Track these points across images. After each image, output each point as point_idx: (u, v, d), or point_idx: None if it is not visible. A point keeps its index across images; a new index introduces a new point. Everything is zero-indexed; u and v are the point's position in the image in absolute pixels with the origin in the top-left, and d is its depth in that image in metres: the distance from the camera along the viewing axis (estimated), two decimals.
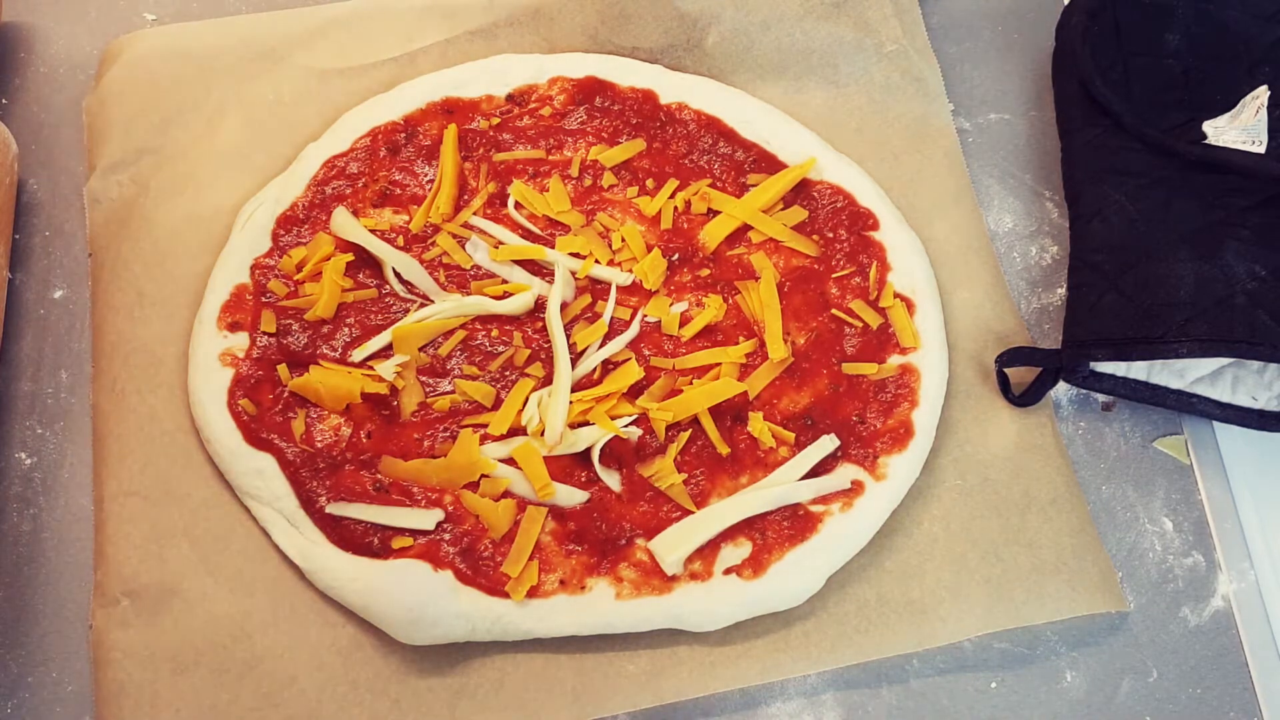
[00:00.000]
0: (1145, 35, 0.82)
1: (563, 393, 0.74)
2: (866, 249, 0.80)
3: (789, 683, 0.71)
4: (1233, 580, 0.76)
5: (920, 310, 0.78)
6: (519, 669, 0.70)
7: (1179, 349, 0.70)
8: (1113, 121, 0.81)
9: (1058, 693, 0.72)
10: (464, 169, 0.82)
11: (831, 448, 0.74)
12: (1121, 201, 0.78)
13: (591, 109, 0.84)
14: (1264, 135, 0.77)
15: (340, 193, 0.80)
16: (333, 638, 0.70)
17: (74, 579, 0.73)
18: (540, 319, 0.78)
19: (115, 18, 0.91)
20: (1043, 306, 0.83)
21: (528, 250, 0.79)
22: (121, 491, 0.73)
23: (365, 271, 0.79)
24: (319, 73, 0.85)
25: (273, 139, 0.83)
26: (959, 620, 0.71)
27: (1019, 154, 0.89)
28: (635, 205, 0.82)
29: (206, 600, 0.70)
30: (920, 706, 0.71)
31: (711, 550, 0.71)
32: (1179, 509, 0.77)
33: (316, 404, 0.74)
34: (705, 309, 0.78)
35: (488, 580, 0.70)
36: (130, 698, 0.68)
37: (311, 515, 0.71)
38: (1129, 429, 0.80)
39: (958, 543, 0.73)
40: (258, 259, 0.78)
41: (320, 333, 0.77)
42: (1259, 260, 0.72)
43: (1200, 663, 0.73)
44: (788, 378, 0.77)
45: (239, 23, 0.88)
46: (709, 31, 0.86)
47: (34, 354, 0.80)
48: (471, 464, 0.72)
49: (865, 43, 0.87)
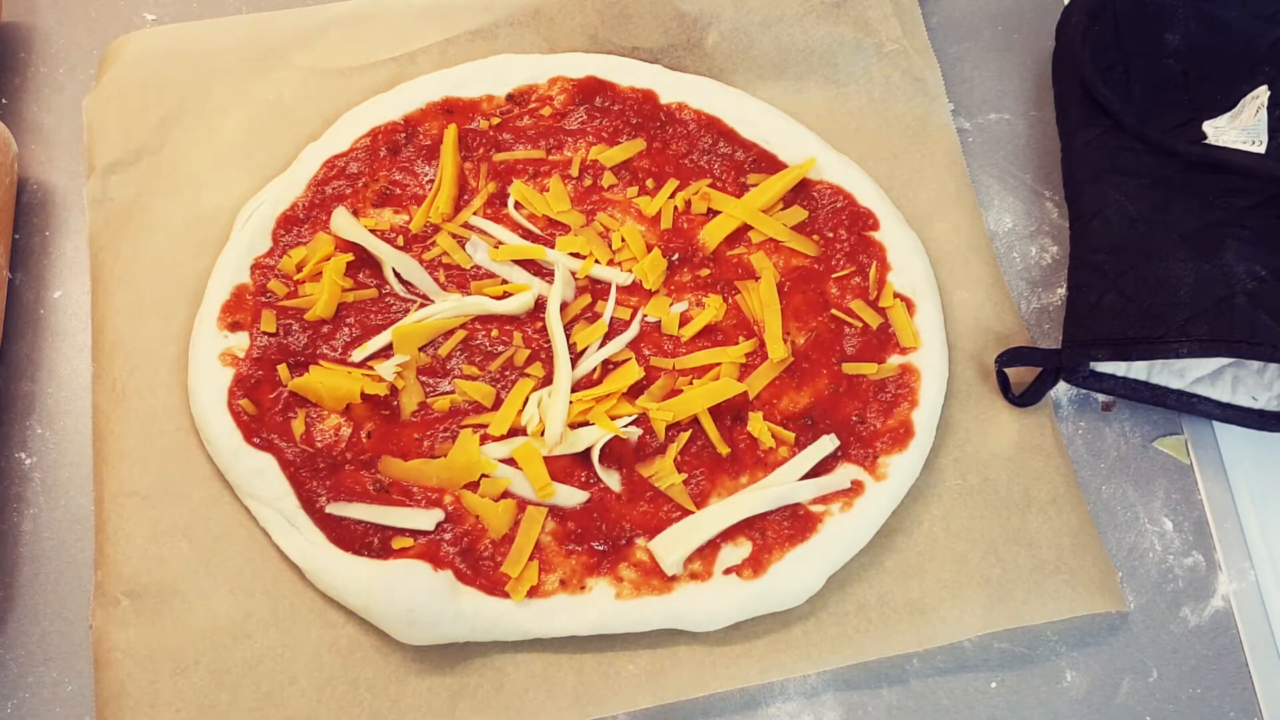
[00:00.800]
0: (1145, 35, 0.82)
1: (563, 393, 0.74)
2: (866, 249, 0.80)
3: (789, 683, 0.71)
4: (1233, 580, 0.76)
5: (920, 310, 0.78)
6: (519, 669, 0.70)
7: (1179, 349, 0.70)
8: (1113, 121, 0.81)
9: (1058, 693, 0.72)
10: (464, 169, 0.82)
11: (831, 448, 0.74)
12: (1121, 201, 0.78)
13: (591, 109, 0.84)
14: (1264, 135, 0.77)
15: (340, 193, 0.80)
16: (333, 638, 0.70)
17: (74, 579, 0.73)
18: (540, 319, 0.78)
19: (115, 18, 0.91)
20: (1043, 306, 0.83)
21: (528, 250, 0.79)
22: (121, 491, 0.73)
23: (365, 271, 0.79)
24: (319, 73, 0.85)
25: (273, 139, 0.83)
26: (959, 620, 0.71)
27: (1019, 154, 0.89)
28: (635, 205, 0.82)
29: (206, 600, 0.70)
30: (920, 706, 0.71)
31: (711, 550, 0.71)
32: (1179, 509, 0.77)
33: (316, 404, 0.74)
34: (705, 309, 0.78)
35: (488, 580, 0.70)
36: (130, 698, 0.68)
37: (311, 515, 0.71)
38: (1129, 429, 0.80)
39: (958, 542, 0.73)
40: (258, 259, 0.78)
41: (320, 333, 0.77)
42: (1259, 260, 0.72)
43: (1200, 663, 0.73)
44: (788, 378, 0.77)
45: (239, 23, 0.88)
46: (709, 31, 0.86)
47: (34, 354, 0.80)
48: (471, 464, 0.72)
49: (865, 42, 0.87)
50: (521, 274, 0.79)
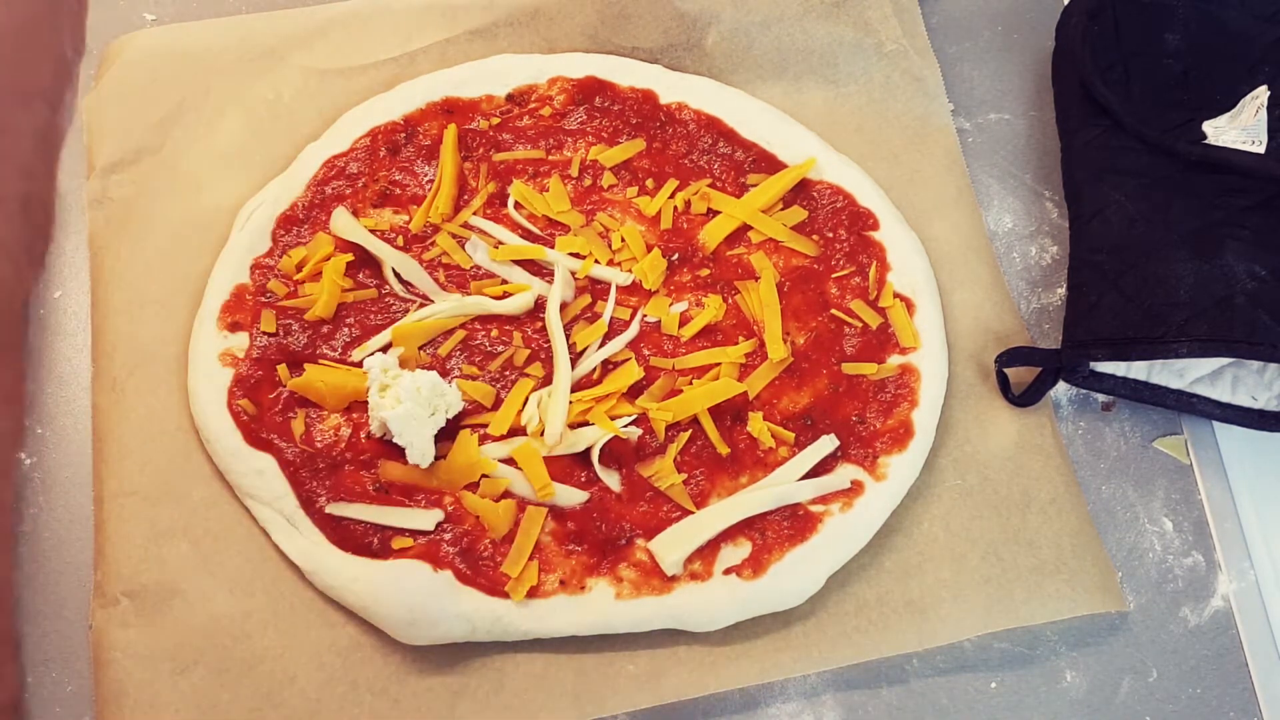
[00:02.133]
0: (1145, 35, 0.82)
1: (562, 393, 0.74)
2: (866, 249, 0.80)
3: (789, 683, 0.71)
4: (1233, 580, 0.76)
5: (920, 310, 0.78)
6: (519, 669, 0.70)
7: (1179, 349, 0.70)
8: (1113, 121, 0.81)
9: (1058, 693, 0.72)
10: (464, 169, 0.82)
11: (831, 448, 0.74)
12: (1121, 201, 0.78)
13: (591, 109, 0.84)
14: (1264, 135, 0.77)
15: (340, 193, 0.80)
16: (333, 638, 0.70)
17: (74, 579, 0.73)
18: (540, 319, 0.78)
19: (115, 18, 0.91)
20: (1043, 306, 0.83)
21: (528, 250, 0.79)
22: (121, 491, 0.73)
23: (365, 271, 0.79)
24: (319, 73, 0.85)
25: (273, 139, 0.83)
26: (959, 620, 0.71)
27: (1019, 154, 0.89)
28: (635, 205, 0.82)
29: (206, 600, 0.70)
30: (920, 706, 0.71)
31: (711, 550, 0.71)
32: (1179, 509, 0.77)
33: (316, 404, 0.74)
34: (705, 309, 0.78)
35: (488, 580, 0.70)
36: (130, 698, 0.68)
37: (311, 515, 0.71)
38: (1129, 429, 0.80)
39: (958, 542, 0.73)
40: (258, 259, 0.78)
41: (320, 332, 0.77)
42: (1259, 260, 0.72)
43: (1200, 663, 0.73)
44: (788, 378, 0.77)
45: (239, 23, 0.88)
46: (709, 31, 0.86)
47: (34, 354, 0.80)
48: (471, 464, 0.72)
49: (865, 42, 0.87)
50: (521, 274, 0.79)
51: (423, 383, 0.71)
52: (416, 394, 0.71)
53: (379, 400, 0.72)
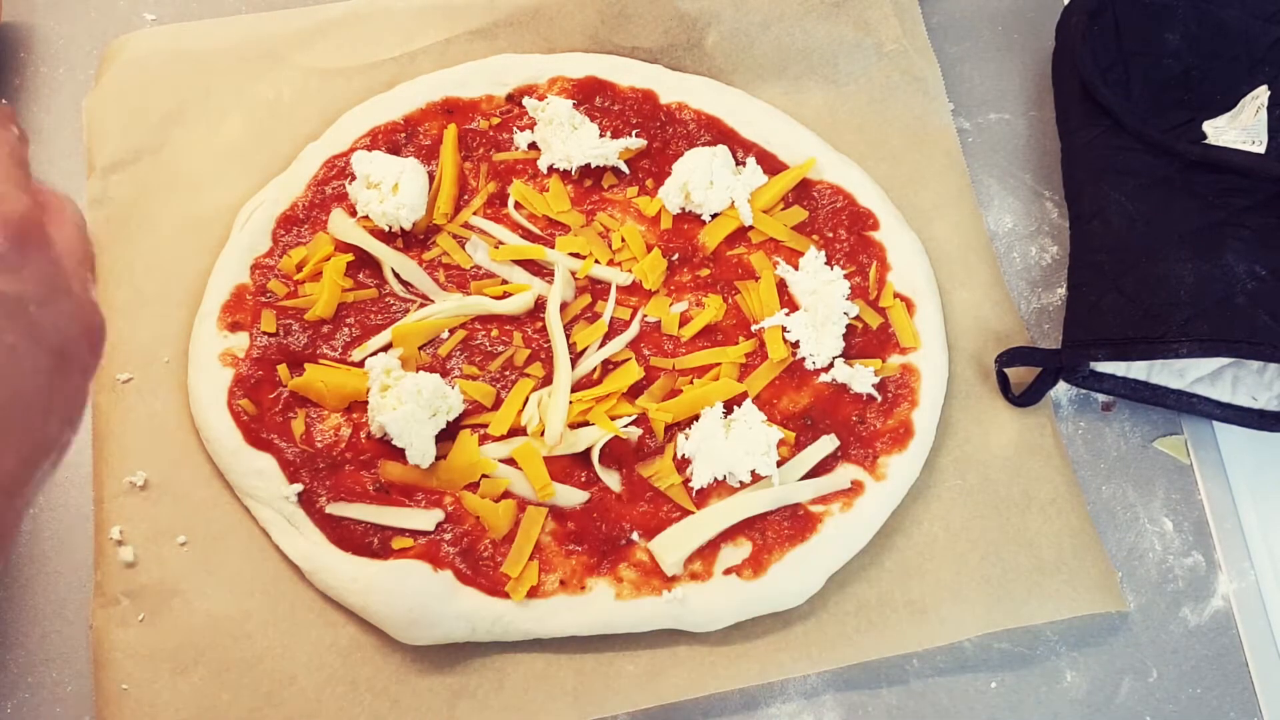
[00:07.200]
0: (1145, 35, 0.82)
1: (563, 393, 0.74)
2: (866, 249, 0.80)
3: (789, 683, 0.71)
4: (1233, 580, 0.76)
5: (920, 310, 0.78)
6: (519, 669, 0.70)
7: (1179, 349, 0.70)
8: (1113, 121, 0.81)
9: (1058, 693, 0.72)
10: (464, 169, 0.82)
11: (831, 448, 0.74)
12: (1121, 201, 0.78)
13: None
14: (1264, 135, 0.77)
15: (340, 192, 0.80)
16: (333, 638, 0.70)
17: (74, 579, 0.73)
18: (540, 319, 0.78)
19: (115, 18, 0.91)
20: (1043, 306, 0.83)
21: (528, 250, 0.79)
22: (121, 491, 0.73)
23: (365, 271, 0.79)
24: (319, 73, 0.85)
25: (273, 139, 0.83)
26: (959, 620, 0.71)
27: (1019, 154, 0.89)
28: (635, 205, 0.82)
29: (206, 600, 0.70)
30: (920, 706, 0.71)
31: (711, 550, 0.71)
32: (1179, 509, 0.77)
33: (317, 404, 0.74)
34: (705, 309, 0.78)
35: (488, 580, 0.70)
36: (130, 698, 0.68)
37: (311, 515, 0.71)
38: (1129, 429, 0.80)
39: (958, 542, 0.73)
40: (258, 259, 0.78)
41: (320, 333, 0.77)
42: (1259, 260, 0.72)
43: (1200, 663, 0.73)
44: (788, 378, 0.77)
45: (239, 23, 0.88)
46: (709, 31, 0.86)
47: None
48: (471, 464, 0.72)
49: (865, 42, 0.87)
50: (521, 274, 0.79)
51: (424, 385, 0.71)
52: (418, 396, 0.71)
53: (379, 401, 0.72)
